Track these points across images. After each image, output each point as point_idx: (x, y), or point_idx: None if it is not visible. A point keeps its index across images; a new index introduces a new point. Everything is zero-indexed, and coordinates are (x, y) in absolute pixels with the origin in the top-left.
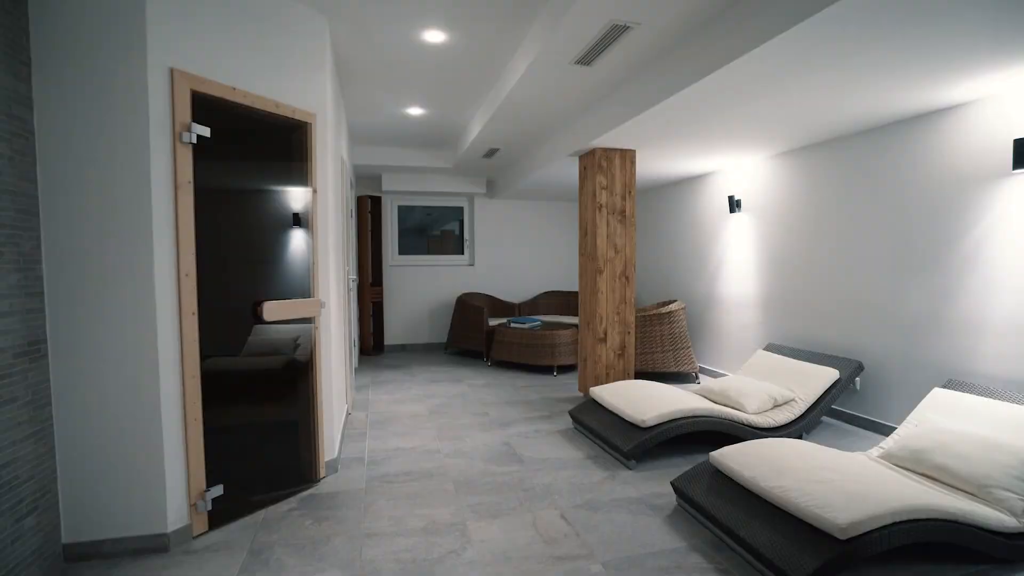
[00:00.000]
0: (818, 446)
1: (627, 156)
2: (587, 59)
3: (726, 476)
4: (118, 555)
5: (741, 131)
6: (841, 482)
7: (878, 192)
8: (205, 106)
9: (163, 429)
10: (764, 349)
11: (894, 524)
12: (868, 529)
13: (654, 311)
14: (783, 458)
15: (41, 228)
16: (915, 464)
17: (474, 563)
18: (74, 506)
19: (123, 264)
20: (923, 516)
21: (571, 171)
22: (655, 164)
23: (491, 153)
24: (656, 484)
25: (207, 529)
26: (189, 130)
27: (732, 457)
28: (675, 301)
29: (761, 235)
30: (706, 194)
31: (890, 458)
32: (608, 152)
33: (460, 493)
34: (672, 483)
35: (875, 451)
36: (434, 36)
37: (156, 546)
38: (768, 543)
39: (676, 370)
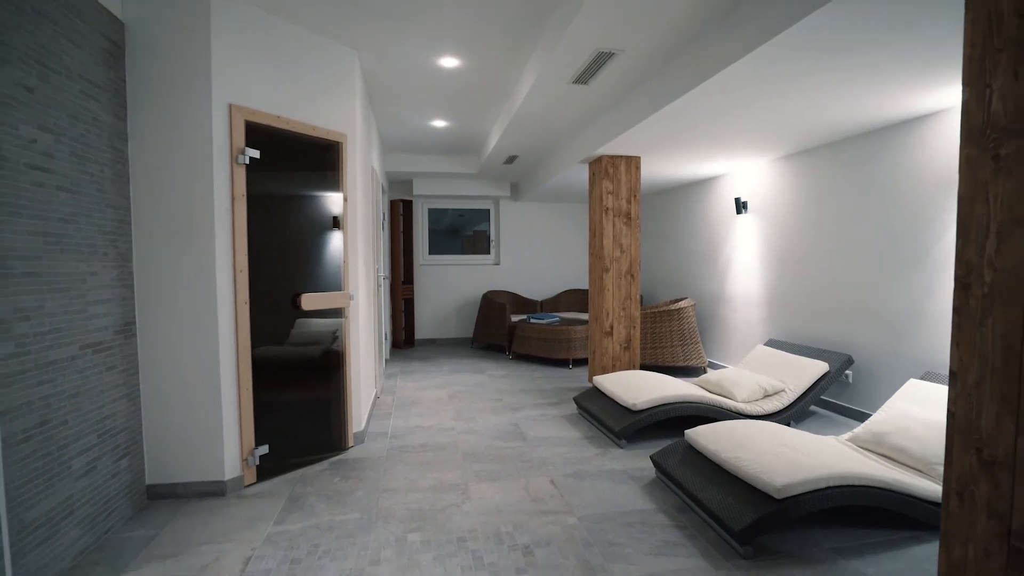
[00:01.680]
0: (789, 428)
1: (632, 162)
2: (583, 79)
3: (697, 451)
4: (187, 496)
5: (738, 137)
6: (793, 455)
7: (868, 194)
8: (255, 132)
9: (221, 396)
10: (764, 344)
11: (828, 488)
12: (802, 491)
13: (665, 308)
14: (748, 436)
15: (132, 233)
16: (875, 445)
17: (470, 513)
18: (155, 455)
19: (192, 261)
20: (856, 483)
21: (584, 176)
22: (664, 168)
23: (511, 160)
24: (641, 461)
25: (255, 481)
26: (243, 153)
27: (702, 434)
28: (685, 298)
29: (765, 236)
30: (715, 196)
31: (856, 440)
32: (614, 159)
33: (467, 462)
34: (651, 457)
35: (846, 435)
36: (449, 61)
37: (215, 491)
38: (719, 503)
39: (685, 364)
